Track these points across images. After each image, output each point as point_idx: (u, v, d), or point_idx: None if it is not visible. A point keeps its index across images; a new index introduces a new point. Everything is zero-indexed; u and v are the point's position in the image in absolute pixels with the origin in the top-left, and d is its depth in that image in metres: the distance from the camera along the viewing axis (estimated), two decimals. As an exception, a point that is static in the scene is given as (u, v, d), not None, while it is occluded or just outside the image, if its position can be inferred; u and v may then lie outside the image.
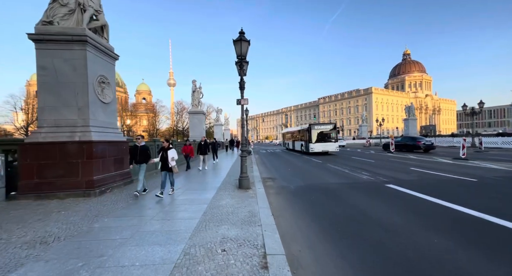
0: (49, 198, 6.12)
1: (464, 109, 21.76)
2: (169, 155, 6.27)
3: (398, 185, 7.71)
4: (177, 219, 4.67)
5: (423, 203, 5.78)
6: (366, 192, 7.06)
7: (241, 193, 6.85)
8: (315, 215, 5.08)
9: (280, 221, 4.76)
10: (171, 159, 6.26)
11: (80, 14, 6.91)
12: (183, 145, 12.39)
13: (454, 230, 4.10)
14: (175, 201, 6.00)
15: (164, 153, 6.36)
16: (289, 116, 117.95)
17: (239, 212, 5.08)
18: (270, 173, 11.40)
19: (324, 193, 7.09)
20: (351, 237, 3.95)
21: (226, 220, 4.59)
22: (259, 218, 4.68)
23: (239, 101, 7.55)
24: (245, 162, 7.56)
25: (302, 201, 6.25)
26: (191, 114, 23.78)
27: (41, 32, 6.39)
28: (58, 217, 4.80)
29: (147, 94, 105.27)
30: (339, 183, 8.40)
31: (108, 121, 7.61)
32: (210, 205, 5.57)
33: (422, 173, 9.80)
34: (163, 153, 6.37)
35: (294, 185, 8.29)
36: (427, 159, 15.17)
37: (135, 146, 6.69)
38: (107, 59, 7.66)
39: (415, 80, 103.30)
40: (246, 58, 7.03)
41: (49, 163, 6.25)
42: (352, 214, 5.09)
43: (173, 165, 6.29)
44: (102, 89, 7.32)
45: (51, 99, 6.51)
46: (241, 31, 6.78)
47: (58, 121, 6.55)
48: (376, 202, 5.97)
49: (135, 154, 6.60)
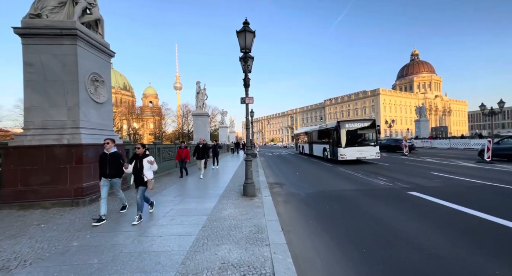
0: (33, 207, 5.54)
1: (483, 109, 20.54)
2: (145, 165, 4.76)
3: (422, 192, 6.84)
4: (170, 235, 3.97)
5: (460, 216, 4.92)
6: (387, 201, 6.23)
7: (246, 201, 6.13)
8: (333, 231, 4.30)
9: (292, 239, 4.01)
10: (147, 169, 4.78)
11: (72, 7, 6.40)
12: (178, 149, 10.47)
13: (513, 255, 3.27)
14: (171, 211, 5.31)
15: (137, 163, 4.81)
16: (295, 118, 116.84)
17: (243, 226, 4.35)
18: (277, 178, 10.63)
19: (339, 202, 6.29)
20: (384, 264, 3.15)
21: (227, 237, 3.87)
22: (267, 234, 3.94)
23: (244, 100, 6.87)
24: (250, 166, 6.84)
25: (315, 212, 5.47)
26: (195, 116, 23.27)
27: (28, 25, 5.88)
28: (35, 232, 4.17)
29: (154, 97, 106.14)
30: (354, 190, 7.57)
31: (102, 123, 7.03)
32: (210, 217, 4.86)
33: (446, 179, 8.86)
34: (137, 163, 4.81)
35: (304, 192, 7.51)
36: (447, 162, 14.11)
37: (103, 154, 4.87)
38: (101, 56, 7.11)
39: (424, 80, 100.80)
40: (251, 51, 6.35)
41: (35, 168, 5.68)
42: (377, 230, 4.29)
43: (150, 179, 4.78)
44: (95, 87, 6.76)
45: (38, 98, 5.97)
46: (245, 21, 6.12)
47: (45, 122, 5.99)
48: (402, 214, 5.14)
49: (103, 165, 4.83)
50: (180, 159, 9.93)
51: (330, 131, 16.12)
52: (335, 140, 14.94)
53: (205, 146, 10.52)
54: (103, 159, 4.84)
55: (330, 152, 16.11)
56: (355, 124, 14.99)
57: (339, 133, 14.51)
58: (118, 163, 4.90)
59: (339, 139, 14.50)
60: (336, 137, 14.89)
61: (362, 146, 14.57)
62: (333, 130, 15.54)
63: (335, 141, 15.07)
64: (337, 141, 14.63)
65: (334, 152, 15.20)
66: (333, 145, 15.57)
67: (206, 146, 10.68)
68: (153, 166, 4.88)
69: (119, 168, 4.90)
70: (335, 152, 14.93)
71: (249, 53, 6.40)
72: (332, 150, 15.69)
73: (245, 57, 6.52)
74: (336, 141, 14.77)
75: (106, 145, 4.85)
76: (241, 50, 6.34)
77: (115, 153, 4.92)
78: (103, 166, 4.82)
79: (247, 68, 6.70)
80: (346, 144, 14.37)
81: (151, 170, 4.86)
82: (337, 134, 14.73)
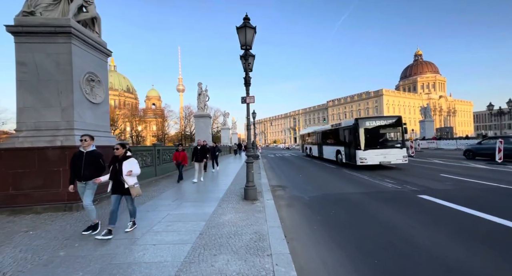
0: (24, 212, 5.30)
1: (490, 109, 20.01)
2: (124, 168, 4.03)
3: (433, 196, 6.47)
4: (165, 244, 3.68)
5: (477, 222, 4.55)
6: (396, 205, 5.88)
7: (247, 205, 5.83)
8: (340, 239, 3.98)
9: (296, 247, 3.70)
10: (127, 174, 4.00)
11: (67, 5, 6.21)
12: (175, 151, 9.85)
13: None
14: (167, 217, 5.03)
15: (116, 166, 4.08)
16: (297, 120, 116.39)
17: (243, 233, 4.05)
18: (279, 180, 10.31)
19: (345, 206, 5.96)
20: (399, 278, 2.83)
21: (226, 245, 3.57)
22: (269, 243, 3.64)
23: (244, 99, 6.60)
24: (251, 169, 6.55)
25: (321, 217, 5.14)
26: (197, 118, 23.07)
27: (21, 23, 5.69)
28: (22, 240, 3.91)
29: (157, 99, 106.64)
30: (360, 193, 7.23)
31: (98, 124, 6.81)
32: (208, 223, 4.57)
33: (457, 181, 8.46)
34: (115, 166, 4.08)
35: (307, 195, 7.19)
36: (456, 164, 13.66)
37: (78, 152, 4.18)
38: (98, 55, 6.90)
39: (427, 81, 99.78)
40: (251, 47, 6.08)
41: (27, 172, 5.45)
42: (388, 238, 3.95)
43: (132, 185, 4.04)
44: (91, 87, 6.54)
45: (31, 99, 5.76)
46: (245, 17, 5.86)
47: (38, 123, 5.77)
48: (414, 220, 4.79)
49: (77, 166, 4.06)
50: (177, 162, 9.39)
51: (346, 130, 13.66)
52: (353, 141, 12.57)
53: (204, 148, 9.93)
54: (77, 158, 4.08)
55: (346, 156, 13.67)
56: (377, 121, 12.47)
57: (358, 132, 12.07)
58: (96, 164, 4.16)
59: (357, 139, 12.07)
60: (353, 138, 12.45)
61: (386, 148, 12.17)
62: (349, 129, 13.09)
63: (352, 142, 12.68)
64: (356, 142, 12.21)
65: (351, 155, 12.82)
66: (349, 147, 13.18)
67: (205, 148, 10.06)
68: (135, 169, 4.09)
69: (97, 171, 4.14)
70: (353, 156, 12.56)
71: (250, 50, 6.14)
72: (349, 153, 13.27)
73: (246, 55, 6.26)
74: (354, 142, 12.35)
75: (83, 143, 4.15)
76: (241, 47, 6.08)
77: (93, 152, 4.20)
78: (76, 166, 4.05)
79: (248, 66, 6.44)
80: (367, 146, 11.92)
81: (134, 174, 4.11)
82: (355, 133, 12.30)
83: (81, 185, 4.15)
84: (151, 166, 10.06)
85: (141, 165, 9.40)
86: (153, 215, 5.16)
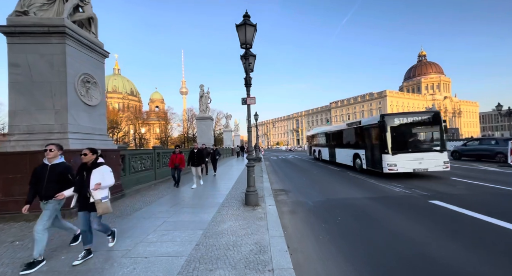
0: (15, 219, 5.06)
1: (499, 109, 19.47)
2: (93, 178, 3.29)
3: (446, 201, 6.10)
4: (158, 256, 3.40)
5: (500, 232, 4.19)
6: (407, 211, 5.52)
7: (247, 212, 5.53)
8: (348, 251, 3.65)
9: (300, 261, 3.38)
10: (95, 187, 3.25)
11: (62, 4, 6.03)
12: (171, 154, 9.21)
13: None
14: (163, 225, 4.75)
15: (83, 175, 3.35)
16: (300, 121, 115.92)
17: (243, 244, 3.75)
18: (282, 184, 9.99)
19: (352, 212, 5.62)
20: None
21: (224, 258, 3.28)
22: (270, 256, 3.33)
23: (245, 100, 6.33)
24: (252, 173, 6.26)
25: (326, 226, 4.81)
26: (199, 120, 22.91)
27: (14, 23, 5.51)
28: (5, 252, 3.66)
29: (160, 102, 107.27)
30: (366, 198, 6.88)
31: (94, 127, 6.59)
32: (206, 232, 4.27)
33: (469, 185, 8.05)
34: (82, 175, 3.36)
35: (311, 200, 6.86)
36: (466, 166, 13.19)
37: (42, 166, 3.43)
38: (94, 56, 6.71)
39: (432, 82, 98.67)
40: (252, 46, 5.82)
41: (18, 177, 5.22)
42: (401, 250, 3.61)
43: (99, 199, 3.31)
44: (86, 89, 6.33)
45: (24, 101, 5.56)
46: (245, 14, 5.61)
47: (31, 127, 5.56)
48: (427, 228, 4.44)
49: (38, 182, 3.35)
50: (174, 166, 8.85)
51: (368, 129, 11.37)
52: (378, 142, 10.26)
53: (201, 151, 9.36)
54: (38, 173, 3.35)
55: (368, 161, 11.33)
56: (410, 118, 10.07)
57: (385, 132, 9.78)
58: (63, 181, 3.39)
59: (384, 141, 9.77)
60: (379, 139, 10.15)
61: (422, 151, 9.74)
62: (372, 128, 10.88)
63: (377, 144, 10.39)
64: (381, 144, 9.90)
65: (375, 160, 10.50)
66: (372, 150, 10.85)
67: (203, 152, 9.51)
68: (106, 180, 3.36)
69: (62, 188, 3.34)
70: (377, 161, 10.26)
71: (250, 49, 5.88)
72: (372, 157, 10.91)
73: (246, 54, 6.00)
74: (380, 144, 10.05)
75: (48, 153, 3.36)
76: (241, 46, 5.82)
77: (60, 166, 3.42)
78: (37, 182, 3.32)
79: (248, 66, 6.18)
80: (397, 149, 9.57)
81: (104, 186, 3.37)
82: (380, 133, 9.99)
83: (42, 204, 3.38)
84: (151, 169, 9.82)
85: (140, 168, 9.17)
86: (149, 223, 4.89)
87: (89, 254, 3.38)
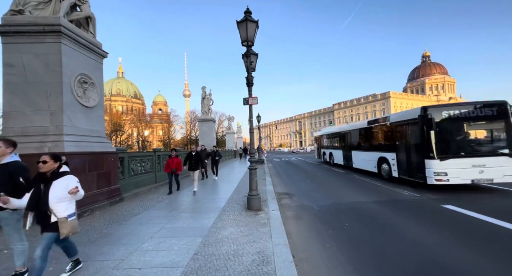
0: (7, 225, 4.85)
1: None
2: (54, 191, 2.61)
3: (460, 206, 5.75)
4: (152, 267, 3.14)
5: (520, 239, 3.86)
6: (418, 217, 5.20)
7: (249, 217, 5.26)
8: (358, 261, 3.35)
9: (306, 272, 3.12)
10: (58, 201, 2.61)
11: (59, 3, 5.87)
12: (168, 158, 8.56)
13: None
14: (161, 231, 4.50)
15: (40, 188, 2.62)
16: (303, 123, 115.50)
17: (244, 253, 3.48)
18: (286, 187, 9.69)
19: (360, 217, 5.32)
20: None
21: (223, 270, 3.01)
22: (274, 267, 3.05)
23: (247, 100, 6.09)
24: (254, 176, 5.99)
25: (333, 232, 4.52)
26: (201, 122, 22.74)
27: (8, 23, 5.36)
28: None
29: (163, 104, 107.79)
30: (373, 202, 6.56)
31: (92, 129, 6.39)
32: (205, 240, 4.01)
33: (481, 188, 7.68)
34: (38, 188, 2.62)
35: (317, 204, 6.56)
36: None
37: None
38: (92, 56, 6.54)
39: (436, 82, 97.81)
40: (253, 43, 5.59)
41: (11, 181, 5.02)
42: (414, 259, 3.31)
43: (64, 217, 2.63)
44: (83, 90, 6.15)
45: (18, 102, 5.38)
46: (247, 10, 5.39)
47: (26, 129, 5.38)
48: (441, 235, 4.12)
49: None
50: (170, 170, 8.13)
51: (402, 126, 8.96)
52: (418, 143, 7.92)
53: (199, 153, 8.79)
54: None
55: (402, 167, 8.83)
56: (463, 109, 7.51)
57: (429, 129, 7.39)
58: (12, 184, 2.74)
59: (428, 141, 7.39)
60: (420, 138, 7.72)
61: (483, 156, 7.22)
62: (409, 125, 8.47)
63: (416, 145, 8.05)
64: (423, 145, 7.58)
65: (412, 167, 8.16)
66: (408, 153, 8.45)
67: (201, 154, 8.99)
68: (76, 194, 2.65)
69: (13, 194, 2.64)
70: (416, 168, 7.96)
71: (252, 46, 5.65)
72: (407, 163, 8.48)
73: (248, 52, 5.77)
74: (421, 145, 7.72)
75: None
76: (242, 43, 5.60)
77: (9, 166, 2.81)
78: None
79: (250, 65, 5.95)
80: (446, 152, 7.30)
81: (70, 201, 2.73)
82: (422, 132, 7.61)
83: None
84: (151, 172, 9.61)
85: (140, 171, 8.97)
86: (146, 229, 4.64)
87: (78, 264, 3.11)
